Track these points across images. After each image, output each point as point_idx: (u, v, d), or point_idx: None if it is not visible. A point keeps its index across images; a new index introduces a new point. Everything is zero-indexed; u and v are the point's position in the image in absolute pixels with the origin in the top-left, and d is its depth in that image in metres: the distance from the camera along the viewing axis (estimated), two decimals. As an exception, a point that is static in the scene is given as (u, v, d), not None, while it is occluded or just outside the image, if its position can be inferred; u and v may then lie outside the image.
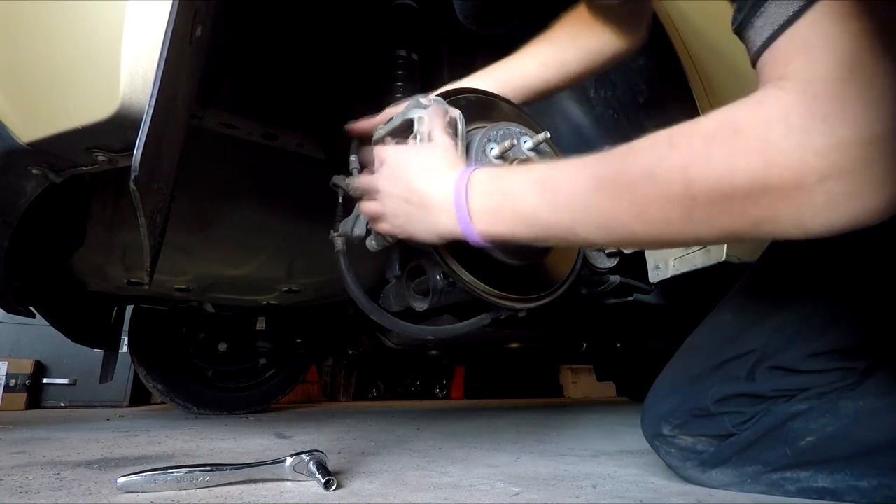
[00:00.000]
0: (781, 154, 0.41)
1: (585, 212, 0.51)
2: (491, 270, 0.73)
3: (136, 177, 0.49)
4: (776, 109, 0.42)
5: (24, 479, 0.70)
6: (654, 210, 0.47)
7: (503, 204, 0.56)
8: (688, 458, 0.73)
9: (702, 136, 0.46)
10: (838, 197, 0.41)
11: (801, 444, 0.64)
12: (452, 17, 0.86)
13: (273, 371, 1.95)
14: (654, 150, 0.48)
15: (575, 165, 0.54)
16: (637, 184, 0.48)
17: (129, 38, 0.53)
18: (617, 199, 0.49)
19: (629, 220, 0.49)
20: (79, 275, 1.20)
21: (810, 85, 0.41)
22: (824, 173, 0.40)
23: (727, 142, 0.44)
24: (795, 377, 0.67)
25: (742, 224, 0.45)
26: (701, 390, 0.72)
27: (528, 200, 0.54)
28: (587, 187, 0.51)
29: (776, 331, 0.70)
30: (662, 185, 0.46)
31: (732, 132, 0.44)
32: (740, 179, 0.43)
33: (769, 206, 0.43)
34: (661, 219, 0.47)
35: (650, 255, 1.19)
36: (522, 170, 0.59)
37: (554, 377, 4.06)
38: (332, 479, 0.65)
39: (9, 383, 2.16)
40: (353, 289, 0.76)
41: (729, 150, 0.43)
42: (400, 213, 0.64)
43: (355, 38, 1.07)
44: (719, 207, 0.45)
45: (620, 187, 0.49)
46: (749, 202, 0.43)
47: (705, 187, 0.44)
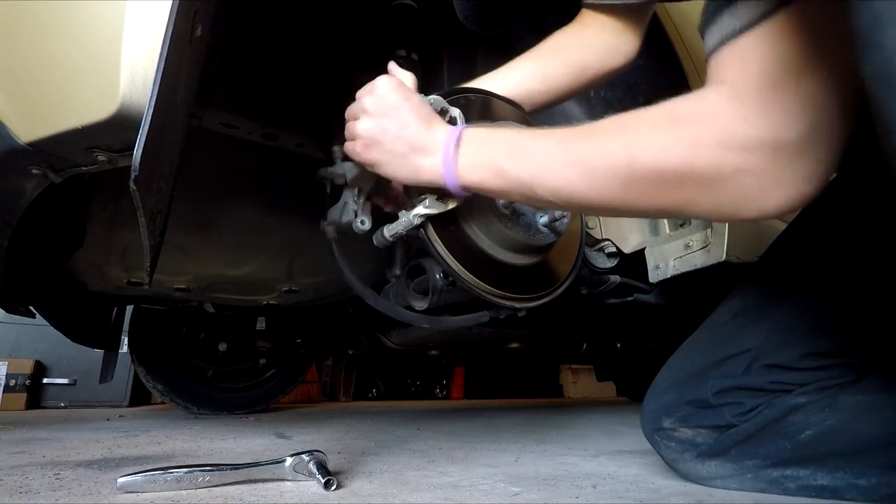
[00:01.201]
0: (705, 147, 0.47)
1: (544, 173, 0.57)
2: (491, 270, 0.73)
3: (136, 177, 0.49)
4: (709, 108, 0.48)
5: (24, 479, 0.70)
6: (600, 180, 0.53)
7: (483, 153, 0.62)
8: (686, 451, 0.73)
9: (647, 122, 0.52)
10: (748, 190, 0.47)
11: (801, 437, 0.65)
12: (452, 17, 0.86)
13: (273, 371, 1.95)
14: (609, 127, 0.54)
15: (544, 133, 0.60)
16: (590, 154, 0.54)
17: (129, 38, 0.53)
18: (571, 166, 0.55)
19: (580, 185, 0.55)
20: (79, 275, 1.20)
21: (740, 92, 0.46)
22: (738, 168, 0.46)
23: (666, 130, 0.50)
24: (791, 373, 0.68)
25: (670, 203, 0.51)
26: (700, 384, 0.74)
27: (499, 154, 0.61)
28: (549, 152, 0.57)
29: (771, 331, 0.71)
30: (610, 158, 0.53)
31: (671, 122, 0.50)
32: (671, 164, 0.49)
33: (692, 191, 0.49)
34: (606, 188, 0.53)
35: (650, 255, 1.19)
36: (502, 130, 0.66)
37: (554, 377, 4.06)
38: (332, 479, 0.65)
39: (9, 383, 2.16)
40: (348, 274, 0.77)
41: (665, 137, 0.49)
42: (388, 142, 0.66)
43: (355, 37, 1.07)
44: (652, 186, 0.51)
45: (576, 156, 0.55)
46: (676, 185, 0.50)
47: (642, 166, 0.50)
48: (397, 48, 1.02)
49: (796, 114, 0.44)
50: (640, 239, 1.23)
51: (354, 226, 0.76)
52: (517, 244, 0.74)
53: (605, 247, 1.23)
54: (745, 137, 0.45)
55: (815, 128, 0.44)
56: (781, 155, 0.45)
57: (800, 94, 0.43)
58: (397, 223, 0.73)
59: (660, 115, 0.51)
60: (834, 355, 0.67)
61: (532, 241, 0.75)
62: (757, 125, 0.45)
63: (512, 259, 0.75)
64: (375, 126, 0.67)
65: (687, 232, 1.15)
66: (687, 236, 1.13)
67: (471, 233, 0.74)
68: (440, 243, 0.71)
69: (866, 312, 0.67)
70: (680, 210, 0.52)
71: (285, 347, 1.90)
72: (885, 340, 0.66)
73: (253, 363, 1.89)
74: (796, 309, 0.71)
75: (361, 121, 0.68)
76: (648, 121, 0.52)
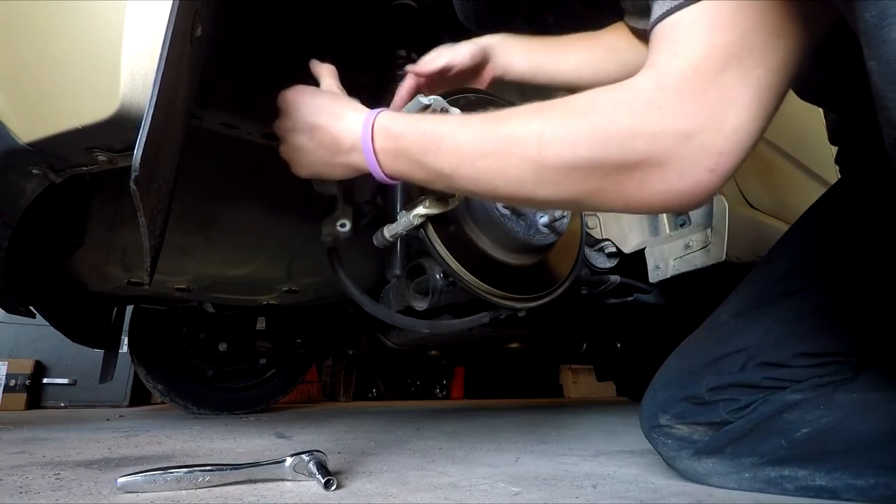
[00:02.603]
0: (617, 134, 0.47)
1: (461, 163, 0.56)
2: (491, 270, 0.73)
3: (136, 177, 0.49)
4: (630, 93, 0.47)
5: (24, 479, 0.70)
6: (513, 169, 0.52)
7: (399, 148, 0.61)
8: (683, 448, 0.74)
9: (563, 108, 0.51)
10: (652, 180, 0.47)
11: (797, 435, 0.65)
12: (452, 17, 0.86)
13: (273, 371, 1.94)
14: (525, 114, 0.53)
15: (461, 121, 0.60)
16: (503, 143, 0.53)
17: (130, 38, 0.53)
18: (485, 155, 0.54)
19: (494, 175, 0.54)
20: (79, 275, 1.20)
21: (663, 78, 0.46)
22: (645, 157, 0.46)
23: (581, 117, 0.50)
24: (785, 370, 0.69)
25: (580, 193, 0.51)
26: (696, 381, 0.74)
27: (418, 147, 0.59)
28: (465, 141, 0.56)
29: (767, 331, 0.72)
30: (522, 146, 0.52)
31: (589, 108, 0.49)
32: (582, 150, 0.48)
33: (601, 179, 0.49)
34: (518, 178, 0.53)
35: (650, 255, 1.19)
36: (418, 119, 0.63)
37: (554, 377, 4.06)
38: (332, 479, 0.65)
39: (9, 383, 2.16)
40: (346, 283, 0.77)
41: (580, 123, 0.49)
42: (310, 151, 0.67)
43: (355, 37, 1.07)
44: (563, 174, 0.50)
45: (490, 144, 0.54)
46: (587, 173, 0.49)
47: (553, 154, 0.50)
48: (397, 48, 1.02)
49: (710, 106, 0.44)
50: (640, 239, 1.23)
51: (337, 230, 0.77)
52: (517, 244, 0.74)
53: (605, 247, 1.23)
54: (658, 126, 0.45)
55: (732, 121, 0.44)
56: (689, 144, 0.44)
57: (721, 85, 0.43)
58: (397, 223, 0.73)
59: (581, 100, 0.51)
60: (829, 354, 0.68)
61: (532, 241, 0.75)
62: (669, 113, 0.45)
63: (512, 259, 0.75)
64: (293, 146, 0.68)
65: (687, 232, 1.15)
66: (687, 236, 1.13)
67: (471, 233, 0.74)
68: (440, 243, 0.71)
69: (863, 313, 0.67)
70: (590, 200, 0.51)
71: (285, 347, 1.90)
72: (882, 340, 0.66)
73: (253, 363, 1.88)
74: (793, 310, 0.71)
75: (281, 145, 0.70)
76: (565, 106, 0.51)
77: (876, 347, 0.67)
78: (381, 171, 0.63)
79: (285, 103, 0.70)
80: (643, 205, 0.49)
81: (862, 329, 0.67)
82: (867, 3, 0.35)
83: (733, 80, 0.43)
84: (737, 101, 0.43)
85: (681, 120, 0.44)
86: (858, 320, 0.68)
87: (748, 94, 0.43)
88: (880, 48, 0.35)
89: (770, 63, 0.43)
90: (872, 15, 0.35)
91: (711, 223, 1.10)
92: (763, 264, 0.81)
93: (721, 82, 0.43)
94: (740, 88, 0.43)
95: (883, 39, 0.35)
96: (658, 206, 0.49)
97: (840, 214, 0.75)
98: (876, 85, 0.37)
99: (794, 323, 0.70)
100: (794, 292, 0.73)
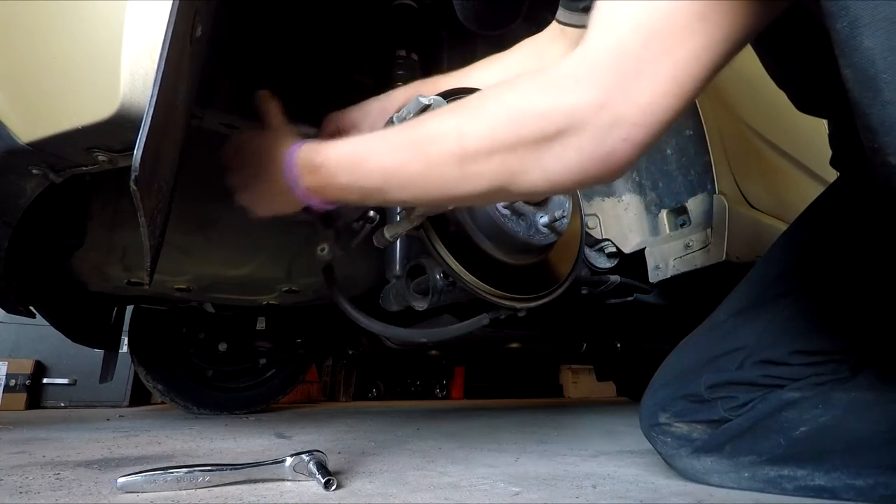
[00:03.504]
0: (534, 107, 0.48)
1: (386, 175, 0.57)
2: (491, 270, 0.73)
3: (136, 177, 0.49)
4: (550, 71, 0.49)
5: (24, 479, 0.70)
6: (436, 168, 0.53)
7: (323, 178, 0.62)
8: (682, 446, 0.74)
9: (479, 99, 0.53)
10: (570, 149, 0.48)
11: (795, 434, 0.65)
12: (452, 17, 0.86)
13: (273, 371, 1.94)
14: (439, 114, 0.55)
15: (378, 135, 0.61)
16: (421, 145, 0.54)
17: (130, 38, 0.53)
18: (407, 162, 0.55)
19: (419, 179, 0.55)
20: (79, 275, 1.20)
21: (587, 52, 0.47)
22: (562, 126, 0.47)
23: (498, 100, 0.51)
24: (783, 368, 0.69)
25: (504, 176, 0.51)
26: (694, 379, 0.74)
27: (341, 171, 0.60)
28: (385, 152, 0.57)
29: (765, 330, 0.72)
30: (441, 143, 0.53)
31: (507, 90, 0.51)
32: (501, 131, 0.49)
33: (522, 156, 0.49)
34: (442, 176, 0.54)
35: (650, 255, 1.19)
36: (337, 144, 0.64)
37: (554, 377, 4.05)
38: (332, 479, 0.65)
39: (9, 383, 2.16)
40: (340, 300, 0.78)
41: (496, 107, 0.50)
42: (257, 194, 0.70)
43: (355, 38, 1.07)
44: (485, 160, 0.51)
45: (410, 150, 0.55)
46: (508, 153, 0.50)
47: (473, 142, 0.51)
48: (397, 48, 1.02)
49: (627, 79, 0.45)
50: (640, 239, 1.23)
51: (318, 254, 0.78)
52: (517, 244, 0.74)
53: (605, 247, 1.23)
54: (574, 95, 0.46)
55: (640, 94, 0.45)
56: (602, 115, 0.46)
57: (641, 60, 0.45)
58: (397, 224, 0.73)
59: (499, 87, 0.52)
60: (826, 353, 0.68)
61: (532, 241, 0.75)
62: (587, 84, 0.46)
63: (512, 259, 0.75)
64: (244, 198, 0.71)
65: (687, 232, 1.15)
66: (687, 236, 1.13)
67: (471, 233, 0.74)
68: (440, 243, 0.71)
69: (861, 312, 0.68)
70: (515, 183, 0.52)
71: (285, 347, 1.90)
72: (879, 340, 0.67)
73: (253, 363, 1.88)
74: (789, 309, 0.72)
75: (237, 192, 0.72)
76: (483, 97, 0.53)
77: (872, 347, 0.67)
78: (317, 202, 0.64)
79: (227, 159, 0.73)
80: (565, 176, 0.50)
81: (858, 329, 0.68)
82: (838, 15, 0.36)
83: (653, 57, 0.45)
84: (654, 77, 0.45)
85: (595, 90, 0.46)
86: (854, 320, 0.68)
87: (666, 71, 0.45)
88: (853, 56, 0.36)
89: (692, 44, 0.44)
90: (844, 25, 0.36)
91: (711, 223, 1.10)
92: (761, 264, 0.81)
93: (640, 58, 0.45)
94: (659, 65, 0.45)
95: (855, 48, 0.36)
96: (578, 177, 0.50)
97: (836, 215, 0.76)
98: (852, 92, 0.37)
99: (791, 322, 0.71)
100: (791, 292, 0.73)
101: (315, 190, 0.63)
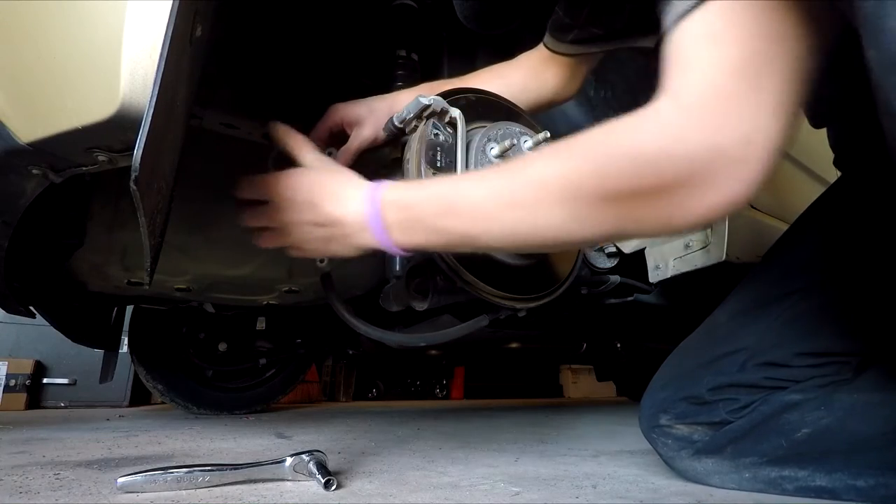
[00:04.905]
0: (646, 156, 0.46)
1: (484, 221, 0.54)
2: (491, 270, 0.73)
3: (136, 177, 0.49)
4: (650, 117, 0.47)
5: (24, 479, 0.70)
6: (542, 215, 0.51)
7: (413, 218, 0.58)
8: (683, 448, 0.74)
9: (582, 144, 0.50)
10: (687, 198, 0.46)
11: (797, 436, 0.65)
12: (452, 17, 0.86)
13: (273, 371, 1.94)
14: (542, 158, 0.53)
15: (475, 178, 0.58)
16: (527, 190, 0.52)
17: (130, 38, 0.53)
18: (510, 207, 0.52)
19: (523, 226, 0.52)
20: (79, 275, 1.20)
21: (680, 97, 0.46)
22: (678, 176, 0.45)
23: (604, 147, 0.49)
24: (785, 370, 0.69)
25: (617, 225, 0.50)
26: (696, 381, 0.74)
27: (433, 213, 0.57)
28: (485, 197, 0.54)
29: (767, 330, 0.72)
30: (548, 188, 0.50)
31: (611, 137, 0.49)
32: (612, 182, 0.48)
33: (634, 207, 0.48)
34: (549, 223, 0.51)
35: (650, 255, 1.19)
36: (428, 184, 0.62)
37: (554, 377, 4.05)
38: (332, 479, 0.65)
39: (9, 383, 2.16)
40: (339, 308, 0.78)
41: (605, 154, 0.48)
42: (313, 238, 0.65)
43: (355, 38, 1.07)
44: (596, 209, 0.49)
45: (513, 195, 0.52)
46: (619, 203, 0.48)
47: (584, 190, 0.49)
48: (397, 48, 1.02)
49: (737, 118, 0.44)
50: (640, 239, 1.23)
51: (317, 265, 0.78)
52: None
53: (605, 247, 1.23)
54: (686, 144, 0.45)
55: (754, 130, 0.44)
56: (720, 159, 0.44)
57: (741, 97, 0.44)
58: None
59: (599, 135, 0.50)
60: (828, 354, 0.68)
61: (532, 241, 0.75)
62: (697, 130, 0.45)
63: (512, 259, 0.75)
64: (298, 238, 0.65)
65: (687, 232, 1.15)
66: (687, 236, 1.13)
67: (471, 233, 0.74)
68: (440, 243, 0.71)
69: (863, 313, 0.68)
70: (626, 231, 0.51)
71: (285, 347, 1.90)
72: (883, 340, 0.66)
73: (253, 363, 1.88)
74: (792, 309, 0.71)
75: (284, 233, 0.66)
76: (585, 143, 0.50)
77: (876, 348, 0.67)
78: (395, 245, 0.60)
79: (272, 194, 0.66)
80: (682, 224, 0.48)
81: (862, 329, 0.67)
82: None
83: (750, 91, 0.43)
84: (760, 110, 0.43)
85: (708, 136, 0.44)
86: (858, 320, 0.68)
87: (768, 101, 0.43)
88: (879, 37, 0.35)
89: (779, 68, 0.44)
90: (871, 3, 0.35)
91: (711, 223, 1.10)
92: (763, 264, 0.81)
93: (740, 94, 0.43)
94: (759, 97, 0.43)
95: (881, 29, 0.35)
96: (696, 224, 0.48)
97: (839, 214, 0.75)
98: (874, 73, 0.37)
99: (794, 322, 0.70)
100: (793, 292, 0.73)
101: (398, 231, 0.59)
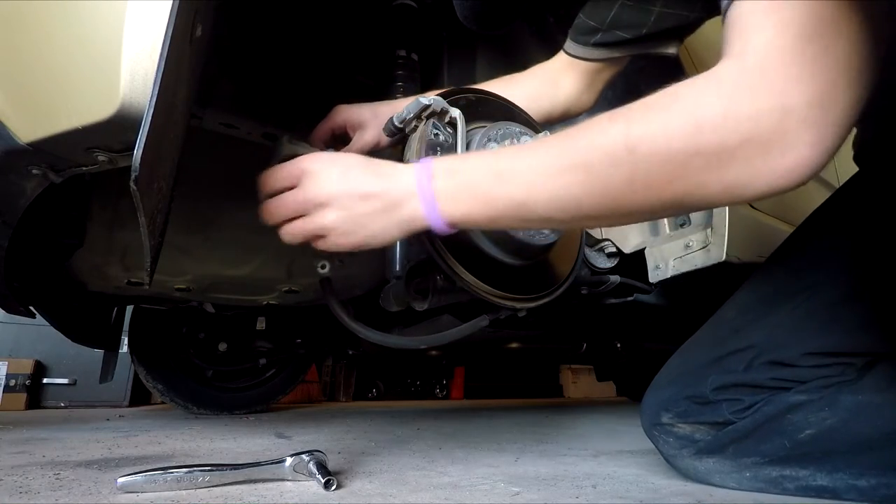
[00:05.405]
0: (711, 118, 0.45)
1: (537, 186, 0.53)
2: (491, 270, 0.73)
3: (136, 177, 0.49)
4: (714, 80, 0.46)
5: (24, 479, 0.70)
6: (599, 179, 0.49)
7: (462, 183, 0.57)
8: (684, 447, 0.73)
9: (642, 108, 0.49)
10: (755, 162, 0.44)
11: (800, 436, 0.65)
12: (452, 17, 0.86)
13: (273, 371, 1.94)
14: (598, 123, 0.51)
15: (525, 147, 0.58)
16: (584, 153, 0.50)
17: (130, 38, 0.53)
18: (566, 170, 0.51)
19: (577, 190, 0.51)
20: (79, 275, 1.20)
21: (746, 59, 0.44)
22: (745, 137, 0.44)
23: (665, 108, 0.47)
24: (793, 370, 0.68)
25: (680, 191, 0.48)
26: (700, 380, 0.74)
27: (481, 179, 0.56)
28: (536, 162, 0.54)
29: (775, 328, 0.71)
30: (607, 151, 0.49)
31: (672, 99, 0.47)
32: (676, 143, 0.46)
33: (699, 172, 0.46)
34: (606, 188, 0.50)
35: (650, 255, 1.19)
36: (476, 154, 0.62)
37: (554, 377, 4.05)
38: (332, 479, 0.65)
39: (9, 383, 2.16)
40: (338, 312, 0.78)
41: (667, 116, 0.47)
42: (352, 215, 0.60)
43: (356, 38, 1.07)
44: (657, 173, 0.47)
45: (569, 158, 0.51)
46: (682, 167, 0.46)
47: (645, 151, 0.47)
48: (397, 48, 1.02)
49: (804, 79, 0.42)
50: (640, 239, 1.23)
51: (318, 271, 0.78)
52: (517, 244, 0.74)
53: (605, 247, 1.23)
54: (752, 105, 0.43)
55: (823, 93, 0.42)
56: (788, 121, 0.42)
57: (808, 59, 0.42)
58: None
59: (657, 96, 0.49)
60: (836, 355, 0.67)
61: (532, 241, 0.75)
62: (765, 92, 0.43)
63: (512, 259, 0.75)
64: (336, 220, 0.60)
65: (687, 232, 1.15)
66: (687, 236, 1.13)
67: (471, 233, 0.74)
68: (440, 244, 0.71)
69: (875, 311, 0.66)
70: (689, 198, 0.48)
71: (285, 347, 1.90)
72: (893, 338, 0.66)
73: (253, 363, 1.88)
74: (801, 308, 0.70)
75: (317, 215, 0.61)
76: (645, 106, 0.49)
77: (888, 346, 0.66)
78: (440, 217, 0.58)
79: (304, 171, 0.62)
80: (748, 190, 0.46)
81: (874, 327, 0.66)
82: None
83: (818, 53, 0.42)
84: (830, 73, 0.42)
85: (775, 97, 0.43)
86: (870, 318, 0.66)
87: (838, 65, 0.42)
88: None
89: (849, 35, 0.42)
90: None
91: (711, 223, 1.10)
92: (772, 261, 0.80)
93: (808, 55, 0.42)
94: (828, 60, 0.42)
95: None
96: (763, 190, 0.46)
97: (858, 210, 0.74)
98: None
99: (804, 320, 0.69)
100: (803, 289, 0.71)
101: (445, 199, 0.57)
